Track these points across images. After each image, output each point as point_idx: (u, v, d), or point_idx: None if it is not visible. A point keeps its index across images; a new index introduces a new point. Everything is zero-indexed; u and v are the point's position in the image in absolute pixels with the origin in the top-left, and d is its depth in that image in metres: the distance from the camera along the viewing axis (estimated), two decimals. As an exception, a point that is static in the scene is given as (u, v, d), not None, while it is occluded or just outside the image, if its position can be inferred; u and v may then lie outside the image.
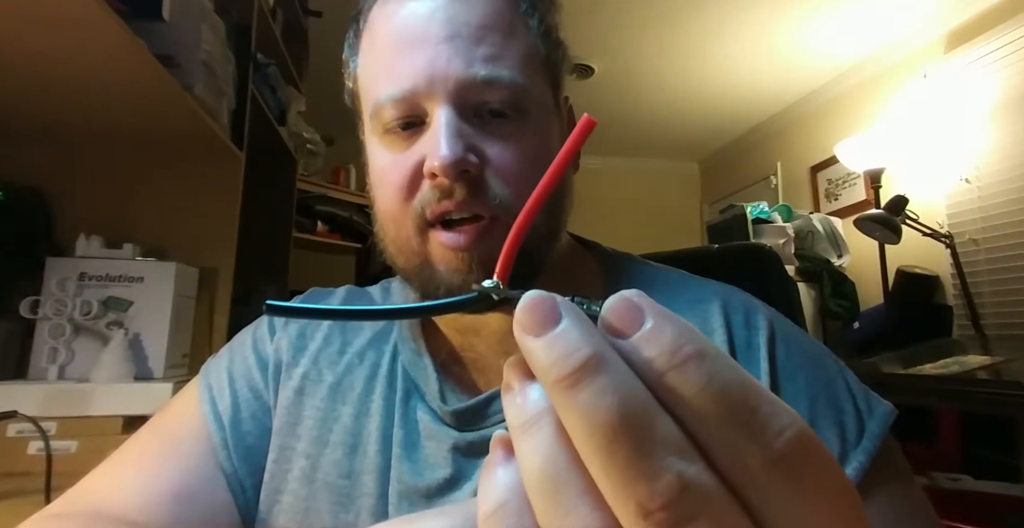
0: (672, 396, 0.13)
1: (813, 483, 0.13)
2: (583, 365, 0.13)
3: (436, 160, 0.38)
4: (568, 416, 0.13)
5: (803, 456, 0.13)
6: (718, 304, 0.45)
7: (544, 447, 0.14)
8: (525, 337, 0.14)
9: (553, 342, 0.13)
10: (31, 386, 0.82)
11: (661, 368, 0.13)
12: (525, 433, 0.14)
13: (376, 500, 0.42)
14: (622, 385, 0.13)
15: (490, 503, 0.15)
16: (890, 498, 0.37)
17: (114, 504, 0.42)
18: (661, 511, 0.12)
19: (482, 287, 0.19)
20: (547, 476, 0.13)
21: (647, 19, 2.40)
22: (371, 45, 0.44)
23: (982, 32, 2.15)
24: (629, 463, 0.12)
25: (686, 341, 0.13)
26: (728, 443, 0.13)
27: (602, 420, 0.12)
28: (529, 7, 0.43)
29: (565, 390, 0.13)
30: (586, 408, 0.12)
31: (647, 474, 0.12)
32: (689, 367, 0.13)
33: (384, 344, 0.48)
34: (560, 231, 0.45)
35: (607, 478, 0.12)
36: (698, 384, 0.13)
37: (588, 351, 0.13)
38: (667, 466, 0.12)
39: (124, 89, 0.87)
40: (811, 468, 0.13)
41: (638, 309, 0.14)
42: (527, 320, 0.14)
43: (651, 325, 0.14)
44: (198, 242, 1.12)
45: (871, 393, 0.42)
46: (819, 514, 0.13)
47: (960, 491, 1.34)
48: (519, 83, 0.40)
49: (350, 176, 2.69)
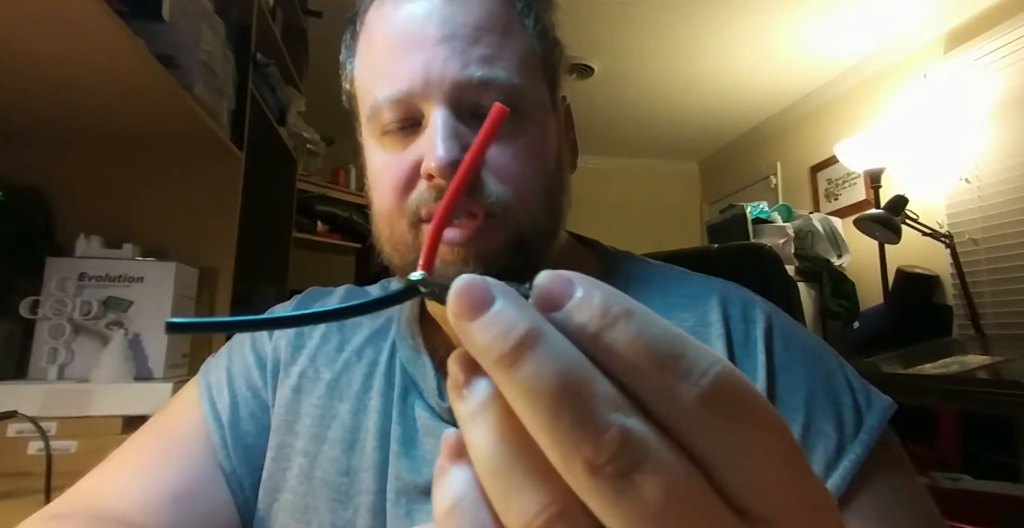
0: (606, 355, 0.13)
1: (741, 415, 0.13)
2: (520, 341, 0.13)
3: (432, 161, 0.38)
4: (512, 393, 0.13)
5: (729, 392, 0.13)
6: (716, 299, 0.45)
7: (492, 430, 0.14)
8: (461, 322, 0.14)
9: (489, 323, 0.14)
10: (31, 386, 0.82)
11: (593, 331, 0.14)
12: (473, 421, 0.15)
13: (374, 497, 0.42)
14: (559, 354, 0.13)
15: (446, 502, 0.15)
16: (887, 489, 0.37)
17: (114, 504, 0.42)
18: (608, 464, 0.12)
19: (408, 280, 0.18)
20: (497, 459, 0.14)
21: (647, 19, 2.41)
22: (368, 47, 0.44)
23: (982, 32, 2.15)
24: (574, 425, 0.12)
25: (614, 303, 0.14)
26: (658, 389, 0.13)
27: (544, 389, 0.13)
28: (525, 7, 0.43)
29: (506, 368, 0.13)
30: (528, 382, 0.13)
31: (591, 432, 0.12)
32: (618, 326, 0.13)
33: (382, 341, 0.49)
34: (558, 230, 0.45)
35: (555, 445, 0.13)
36: (627, 339, 0.13)
37: (524, 327, 0.13)
38: (609, 422, 0.13)
39: (124, 89, 0.87)
40: (737, 402, 0.13)
41: (568, 281, 0.14)
42: (460, 305, 0.14)
43: (581, 293, 0.14)
44: (198, 242, 1.12)
45: (871, 387, 0.42)
46: (751, 444, 0.13)
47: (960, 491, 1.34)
48: (515, 83, 0.41)
49: (350, 176, 2.69)
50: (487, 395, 0.14)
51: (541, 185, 0.42)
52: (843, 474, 0.36)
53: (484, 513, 0.14)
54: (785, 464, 0.14)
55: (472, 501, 0.15)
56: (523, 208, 0.41)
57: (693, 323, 0.44)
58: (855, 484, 0.36)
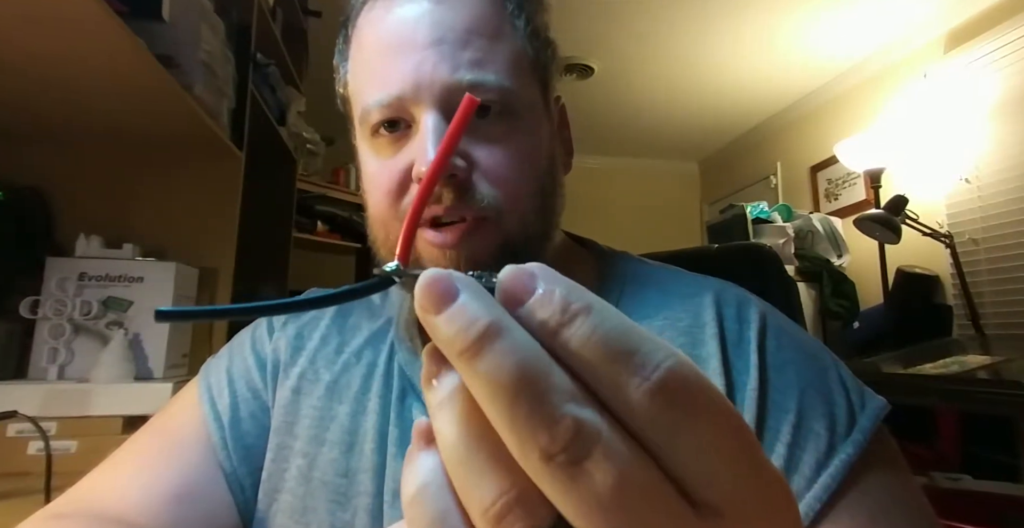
0: (564, 350, 0.14)
1: (691, 409, 0.13)
2: (482, 334, 0.14)
3: (423, 164, 0.38)
4: (474, 384, 0.14)
5: (681, 385, 0.13)
6: (711, 298, 0.45)
7: (457, 419, 0.15)
8: (427, 315, 0.15)
9: (453, 317, 0.14)
10: (31, 386, 0.82)
11: (552, 327, 0.14)
12: (440, 411, 0.15)
13: (373, 499, 0.42)
14: (519, 347, 0.14)
15: (412, 487, 0.16)
16: (880, 489, 0.37)
17: (114, 504, 0.42)
18: (561, 453, 0.13)
19: (383, 271, 0.19)
20: (460, 447, 0.14)
21: (647, 19, 2.41)
22: (359, 51, 0.44)
23: (982, 32, 2.15)
24: (530, 415, 0.13)
25: (574, 299, 0.14)
26: (611, 383, 0.14)
27: (503, 381, 0.13)
28: (516, 8, 0.43)
29: (469, 360, 0.14)
30: (488, 373, 0.13)
31: (546, 422, 0.13)
32: (576, 321, 0.14)
33: (381, 343, 0.49)
34: (552, 230, 0.45)
35: (512, 434, 0.13)
36: (584, 335, 0.14)
37: (486, 321, 0.14)
38: (564, 412, 0.13)
39: (124, 89, 0.87)
40: (688, 395, 0.14)
41: (530, 275, 0.15)
42: (426, 299, 0.15)
43: (542, 289, 0.15)
44: (198, 242, 1.12)
45: (865, 388, 0.42)
46: (702, 437, 0.13)
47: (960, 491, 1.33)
48: (505, 86, 0.41)
49: (350, 176, 2.68)
50: (453, 386, 0.15)
51: (533, 187, 0.42)
52: (833, 473, 0.36)
53: (448, 498, 0.15)
54: (737, 457, 0.14)
55: (437, 487, 0.15)
56: (515, 210, 0.41)
57: (688, 322, 0.44)
58: (847, 483, 0.36)
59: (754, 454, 0.14)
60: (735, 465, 0.14)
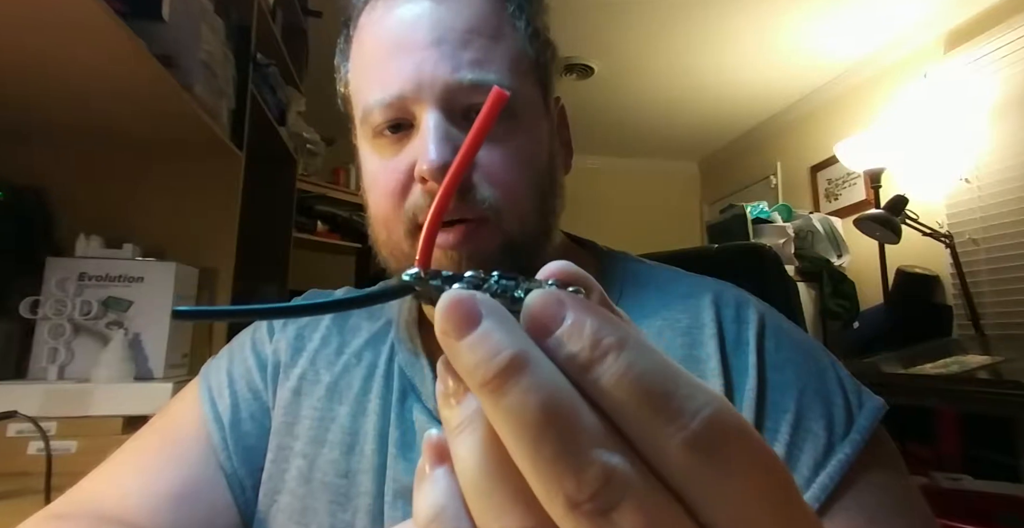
0: (594, 388, 0.13)
1: (731, 460, 0.13)
2: (506, 367, 0.13)
3: (425, 164, 0.38)
4: (496, 418, 0.13)
5: (722, 434, 0.13)
6: (709, 299, 0.45)
7: (479, 448, 0.14)
8: (447, 340, 0.14)
9: (475, 345, 0.13)
10: (31, 386, 0.82)
11: (583, 363, 0.13)
12: (460, 434, 0.14)
13: (373, 499, 0.42)
14: (545, 383, 0.13)
15: (428, 510, 0.15)
16: (877, 489, 0.37)
17: (114, 505, 0.42)
18: (588, 502, 0.12)
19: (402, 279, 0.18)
20: (482, 477, 0.14)
21: (647, 19, 2.40)
22: (360, 51, 0.44)
23: (982, 32, 2.15)
24: (556, 458, 0.12)
25: (606, 333, 0.13)
26: (647, 429, 0.13)
27: (528, 420, 0.12)
28: (516, 9, 0.44)
29: (490, 393, 0.13)
30: (512, 409, 0.13)
31: (573, 468, 0.12)
32: (608, 358, 0.13)
33: (381, 344, 0.49)
34: (551, 231, 0.45)
35: (536, 476, 0.12)
36: (617, 374, 0.13)
37: (510, 353, 0.13)
38: (592, 458, 0.12)
39: (124, 89, 0.87)
40: (731, 446, 0.13)
41: (559, 303, 0.14)
42: (447, 323, 0.14)
43: (572, 320, 0.14)
44: (198, 242, 1.12)
45: (863, 388, 0.42)
46: (744, 491, 0.13)
47: (960, 491, 1.33)
48: (506, 86, 0.41)
49: (350, 176, 2.68)
50: (474, 409, 0.14)
51: (533, 187, 0.43)
52: (831, 473, 0.36)
53: (466, 523, 0.14)
54: (775, 508, 0.13)
55: (455, 511, 0.14)
56: (515, 210, 0.41)
57: (686, 323, 0.44)
58: (844, 483, 0.36)
59: (795, 502, 0.14)
60: (774, 518, 0.13)
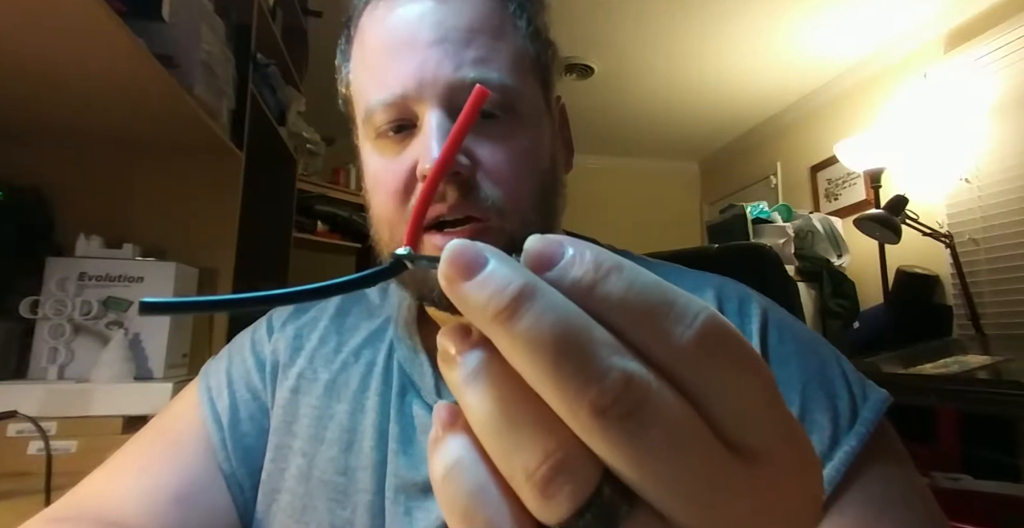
0: (601, 305, 0.14)
1: (732, 355, 0.14)
2: (518, 295, 0.13)
3: (428, 163, 0.38)
4: (512, 345, 0.14)
5: (721, 333, 0.14)
6: (712, 294, 0.45)
7: (489, 391, 0.14)
8: (455, 284, 0.14)
9: (484, 281, 0.14)
10: (31, 386, 0.82)
11: (588, 284, 0.14)
12: (469, 385, 0.15)
13: (373, 496, 0.42)
14: (557, 305, 0.14)
15: (442, 466, 0.15)
16: (883, 480, 0.37)
17: (114, 507, 0.42)
18: (613, 406, 0.13)
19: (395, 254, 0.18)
20: (496, 416, 0.14)
21: (647, 19, 2.40)
22: (361, 51, 0.44)
23: (982, 32, 2.15)
24: (578, 370, 0.13)
25: (605, 258, 0.14)
26: (655, 333, 0.14)
27: (545, 339, 0.13)
28: (518, 9, 0.44)
29: (505, 321, 0.13)
30: (529, 333, 0.13)
31: (595, 376, 0.13)
32: (611, 277, 0.14)
33: (380, 342, 0.49)
34: (553, 230, 0.45)
35: (559, 393, 0.13)
36: (622, 289, 0.14)
37: (520, 282, 0.14)
38: (611, 365, 0.13)
39: (124, 89, 0.87)
40: (727, 343, 0.14)
41: (558, 242, 0.15)
42: (453, 267, 0.14)
43: (571, 252, 0.15)
44: (198, 242, 1.12)
45: (867, 380, 0.42)
46: (741, 382, 0.14)
47: (960, 491, 1.33)
48: (508, 85, 0.41)
49: (350, 176, 2.68)
50: (481, 358, 0.15)
51: (535, 186, 0.43)
52: (837, 465, 0.36)
53: (484, 471, 0.15)
54: (772, 403, 0.14)
55: (471, 461, 0.15)
56: (517, 209, 0.41)
57: None
58: (850, 475, 0.36)
59: (783, 404, 0.15)
60: (771, 411, 0.14)
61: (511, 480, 0.14)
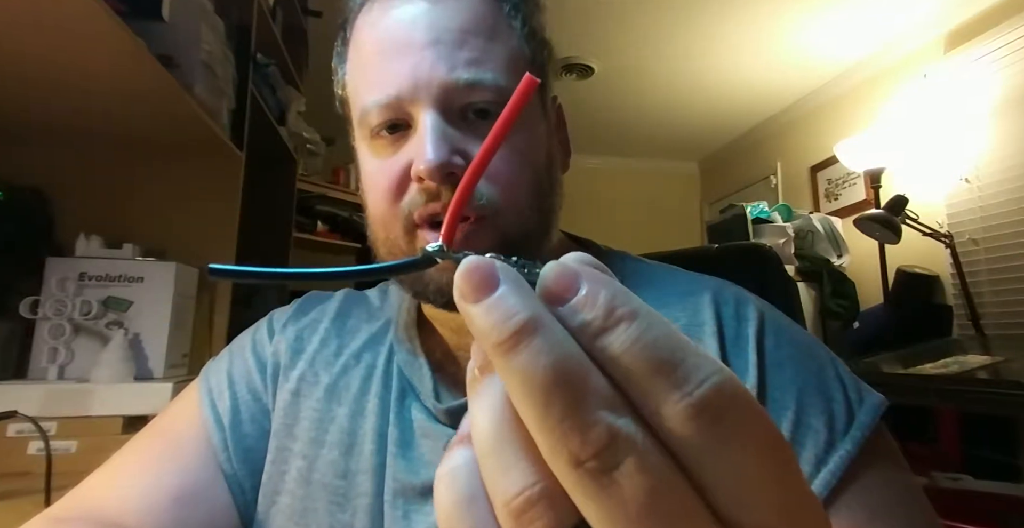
0: (604, 354, 0.14)
1: (735, 429, 0.13)
2: (520, 329, 0.13)
3: (422, 163, 0.38)
4: (507, 377, 0.14)
5: (725, 404, 0.13)
6: (708, 297, 0.45)
7: (491, 408, 0.14)
8: (464, 303, 0.14)
9: (491, 308, 0.14)
10: (31, 386, 0.82)
11: (595, 330, 0.14)
12: (477, 399, 0.15)
13: (372, 499, 0.42)
14: (557, 346, 0.13)
15: (444, 467, 0.16)
16: (879, 485, 0.37)
17: (114, 507, 0.42)
18: (592, 460, 0.12)
19: (427, 250, 0.19)
20: (492, 435, 0.14)
21: (647, 19, 2.40)
22: (357, 53, 0.45)
23: (982, 32, 2.15)
24: (563, 417, 0.13)
25: (620, 303, 0.14)
26: (654, 394, 0.13)
27: (538, 379, 0.13)
28: (512, 10, 0.44)
29: (504, 353, 0.13)
30: (523, 369, 0.13)
31: (579, 427, 0.13)
32: (620, 326, 0.14)
33: (380, 345, 0.49)
34: (550, 229, 0.45)
35: (543, 434, 0.13)
36: (628, 341, 0.13)
37: (525, 315, 0.14)
38: (598, 418, 0.13)
39: (124, 89, 0.87)
40: (734, 415, 0.13)
41: (574, 275, 0.15)
42: (466, 286, 0.14)
43: (586, 290, 0.14)
44: (198, 242, 1.12)
45: (862, 384, 0.42)
46: (744, 461, 0.13)
47: (960, 491, 1.34)
48: (502, 85, 0.41)
49: (350, 176, 2.68)
50: (494, 382, 0.15)
51: (531, 186, 0.43)
52: (832, 470, 0.36)
53: (477, 485, 0.15)
54: (775, 481, 0.13)
55: (467, 472, 0.15)
56: (512, 209, 0.41)
57: (686, 321, 0.44)
58: (845, 479, 0.36)
59: (792, 476, 0.14)
60: (772, 490, 0.13)
61: (493, 502, 0.14)
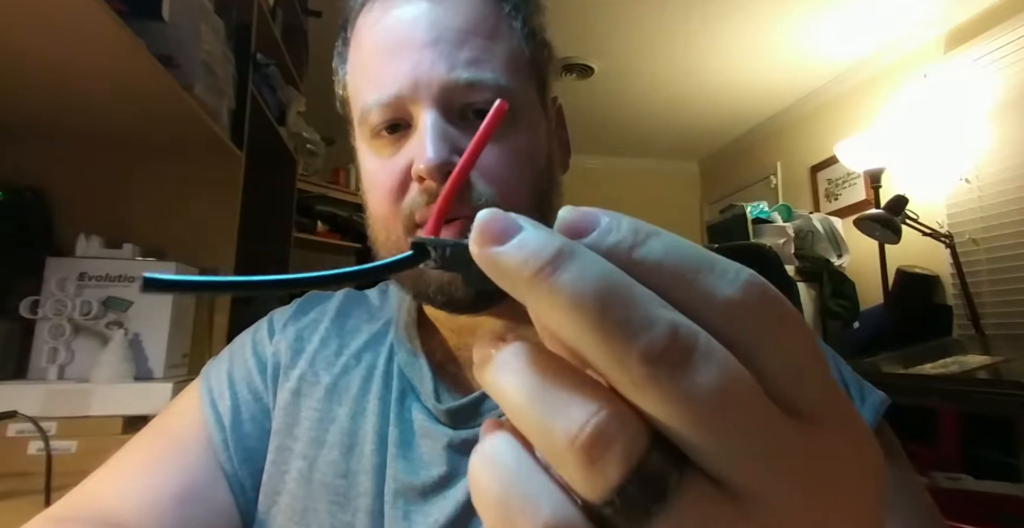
0: (641, 267, 0.14)
1: (779, 312, 0.14)
2: (558, 252, 0.13)
3: (422, 163, 0.38)
4: (553, 302, 0.13)
5: (764, 291, 0.14)
6: None
7: (525, 367, 0.14)
8: (489, 249, 0.14)
9: (523, 242, 0.14)
10: (31, 386, 0.82)
11: (627, 247, 0.14)
12: (503, 370, 0.14)
13: (373, 499, 0.42)
14: (599, 260, 0.13)
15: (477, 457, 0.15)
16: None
17: (115, 507, 0.42)
18: (664, 353, 0.12)
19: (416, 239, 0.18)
20: (533, 388, 0.14)
21: (647, 19, 2.40)
22: (357, 52, 0.45)
23: (982, 32, 2.15)
24: (625, 321, 0.13)
25: (642, 225, 0.14)
26: (698, 290, 0.14)
27: (590, 291, 0.13)
28: (513, 10, 0.44)
29: (546, 278, 0.13)
30: (572, 285, 0.13)
31: (643, 325, 0.12)
32: (651, 241, 0.14)
33: (380, 345, 0.49)
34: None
35: (607, 345, 0.13)
36: (664, 249, 0.14)
37: (559, 241, 0.14)
38: (660, 314, 0.13)
39: (124, 89, 0.87)
40: (771, 300, 0.14)
41: (591, 211, 0.15)
42: (487, 233, 0.14)
43: (607, 220, 0.15)
44: (198, 242, 1.12)
45: (865, 382, 0.42)
46: (789, 339, 0.14)
47: (960, 491, 1.34)
48: (502, 85, 0.41)
49: (350, 176, 2.68)
50: (516, 346, 0.15)
51: (530, 186, 0.43)
52: None
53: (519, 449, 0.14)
54: (819, 363, 0.14)
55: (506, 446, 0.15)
56: (512, 209, 0.41)
57: None
58: None
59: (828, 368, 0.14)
60: (819, 371, 0.14)
61: (552, 453, 0.13)
